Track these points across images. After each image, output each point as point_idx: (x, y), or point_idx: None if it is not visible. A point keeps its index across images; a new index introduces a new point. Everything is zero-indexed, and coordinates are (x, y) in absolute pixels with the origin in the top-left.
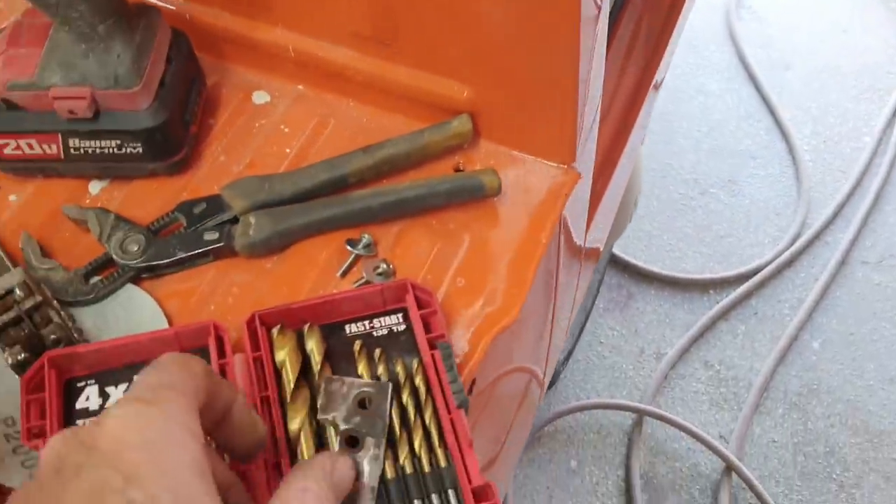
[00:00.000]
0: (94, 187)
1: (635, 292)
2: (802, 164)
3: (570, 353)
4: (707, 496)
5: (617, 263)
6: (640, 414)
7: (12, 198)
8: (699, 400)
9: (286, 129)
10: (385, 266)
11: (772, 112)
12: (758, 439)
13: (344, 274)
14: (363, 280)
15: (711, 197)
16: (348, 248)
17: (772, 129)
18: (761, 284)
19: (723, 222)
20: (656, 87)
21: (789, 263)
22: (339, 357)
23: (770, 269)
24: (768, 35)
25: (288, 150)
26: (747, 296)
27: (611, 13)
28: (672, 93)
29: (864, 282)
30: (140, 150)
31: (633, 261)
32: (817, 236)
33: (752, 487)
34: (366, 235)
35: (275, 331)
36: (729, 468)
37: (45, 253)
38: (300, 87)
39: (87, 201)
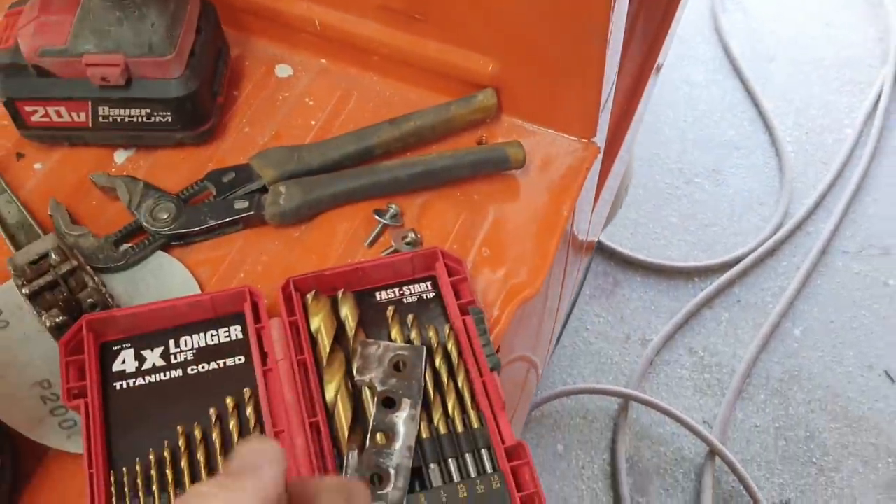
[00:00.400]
0: (120, 156)
1: (621, 280)
2: (785, 155)
3: (557, 340)
4: (691, 479)
5: (603, 251)
6: (626, 399)
7: (37, 166)
8: (683, 386)
9: (310, 102)
10: (413, 235)
11: (755, 103)
12: (740, 424)
13: (371, 243)
14: (392, 249)
15: (696, 186)
16: (376, 217)
17: (755, 120)
18: (744, 273)
19: (707, 211)
20: (657, 70)
21: (772, 252)
22: (370, 323)
23: (753, 258)
24: (753, 28)
25: (313, 123)
26: (730, 284)
27: None
28: (660, 85)
29: (845, 271)
30: (169, 118)
31: (619, 248)
32: (799, 226)
33: (734, 471)
34: (393, 206)
35: (309, 296)
36: (712, 452)
37: (74, 220)
38: (323, 60)
39: (113, 170)
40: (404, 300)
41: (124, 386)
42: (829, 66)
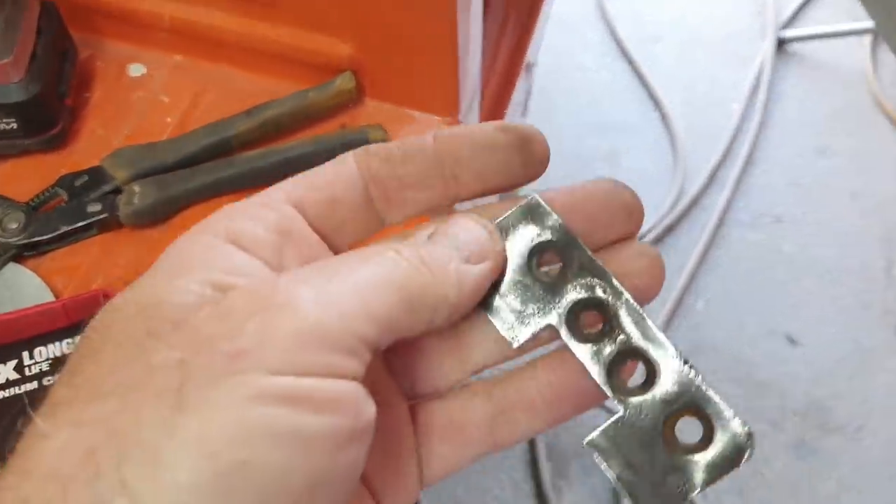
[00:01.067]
0: None
1: None
2: (676, 133)
3: None
4: None
5: None
6: None
7: None
8: None
9: (166, 99)
10: None
11: (645, 84)
12: None
13: None
14: None
15: (595, 170)
16: None
17: (646, 101)
18: None
19: None
20: (529, 69)
21: (671, 229)
22: None
23: (653, 236)
24: (637, 10)
25: (169, 120)
26: None
27: None
28: (550, 71)
29: (741, 241)
30: (14, 125)
31: None
32: (695, 201)
33: None
34: None
35: None
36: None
37: None
38: (177, 57)
39: None
40: None
41: None
42: (712, 44)
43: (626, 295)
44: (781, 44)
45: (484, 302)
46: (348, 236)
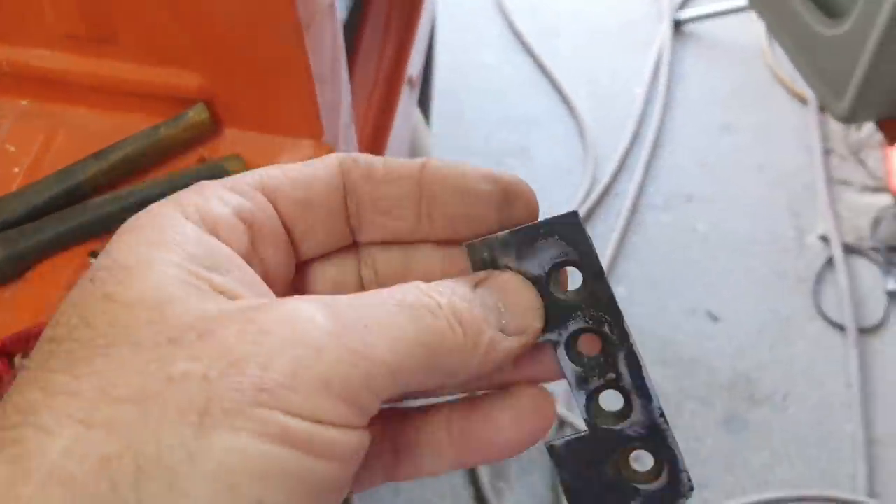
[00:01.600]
0: None
1: None
2: (584, 123)
3: None
4: (545, 454)
5: None
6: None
7: None
8: None
9: (12, 148)
10: None
11: (548, 77)
12: None
13: None
14: None
15: (506, 167)
16: (92, 260)
17: (551, 93)
18: None
19: None
20: (412, 83)
21: (587, 218)
22: None
23: None
24: (534, 4)
25: (16, 170)
26: None
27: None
28: (453, 70)
29: (655, 224)
30: None
31: None
32: (607, 189)
33: None
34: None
35: (17, 359)
36: (562, 423)
37: None
38: (23, 102)
39: None
40: None
41: None
42: (612, 32)
43: (632, 341)
44: (678, 25)
45: None
46: (316, 244)
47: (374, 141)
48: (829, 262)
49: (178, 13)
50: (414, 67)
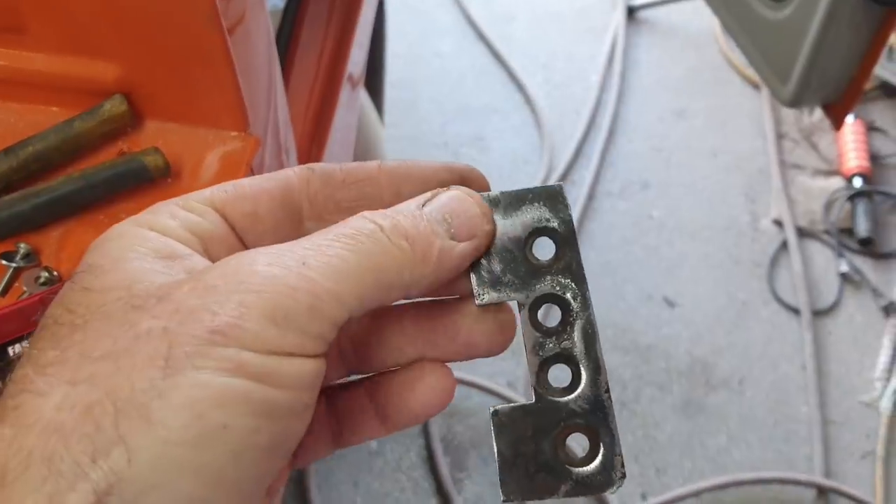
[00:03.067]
0: None
1: None
2: (540, 111)
3: None
4: None
5: None
6: None
7: None
8: None
9: None
10: (47, 274)
11: (504, 65)
12: None
13: (4, 292)
14: (25, 294)
15: (463, 156)
16: (3, 262)
17: (507, 82)
18: None
19: None
20: (353, 82)
21: None
22: None
23: None
24: None
25: None
26: None
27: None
28: (409, 60)
29: (612, 211)
30: None
31: None
32: (564, 177)
33: None
34: (23, 245)
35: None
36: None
37: None
38: None
39: None
40: None
41: None
42: (566, 19)
43: (591, 311)
44: (632, 12)
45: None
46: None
47: (314, 137)
48: (784, 246)
49: (94, 2)
50: (355, 64)
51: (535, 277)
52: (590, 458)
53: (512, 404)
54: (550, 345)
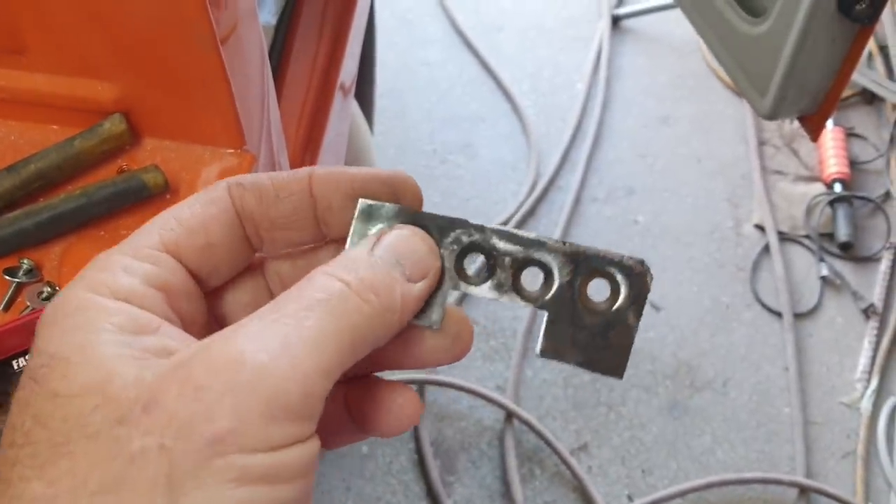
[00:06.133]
0: None
1: None
2: (527, 119)
3: None
4: (494, 446)
5: None
6: (420, 384)
7: None
8: (472, 357)
9: None
10: (49, 289)
11: (492, 74)
12: (531, 382)
13: (7, 307)
14: (28, 309)
15: (452, 164)
16: (6, 277)
17: (495, 90)
18: None
19: (466, 186)
20: (344, 91)
21: (532, 212)
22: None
23: (515, 222)
24: (476, 1)
25: None
26: None
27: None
28: (397, 69)
29: (598, 217)
30: None
31: None
32: (551, 183)
33: (532, 428)
34: (26, 261)
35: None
36: (510, 415)
37: None
38: None
39: None
40: None
41: None
42: (552, 29)
43: (489, 226)
44: (616, 21)
45: None
46: (223, 276)
47: (307, 147)
48: (766, 250)
49: (90, 22)
50: (347, 73)
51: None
52: (615, 288)
53: (540, 335)
54: (503, 275)
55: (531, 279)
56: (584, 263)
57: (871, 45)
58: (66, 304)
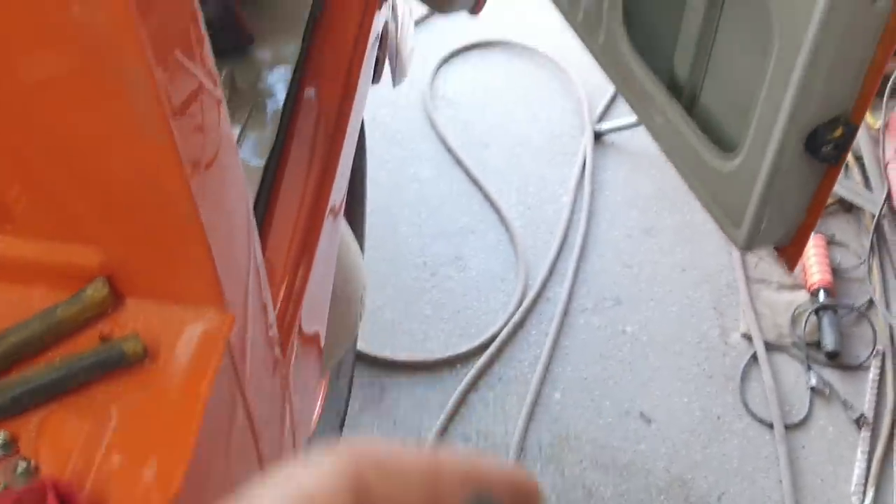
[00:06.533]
0: None
1: (388, 384)
2: (515, 231)
3: None
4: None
5: (365, 359)
6: None
7: None
8: None
9: None
10: (25, 465)
11: (480, 188)
12: None
13: None
14: (2, 486)
15: (442, 276)
16: None
17: (483, 204)
18: (500, 350)
19: (457, 298)
20: (334, 213)
21: (521, 324)
22: None
23: (505, 334)
24: (464, 120)
25: None
26: (490, 364)
27: (277, 144)
28: (388, 186)
29: (587, 327)
30: None
31: (380, 354)
32: (539, 295)
33: None
34: (1, 433)
35: None
36: None
37: None
38: None
39: None
40: None
41: None
42: (537, 145)
43: None
44: (598, 136)
45: None
46: None
47: (296, 269)
48: (754, 359)
49: (78, 186)
50: (337, 195)
51: None
52: None
53: None
54: None
55: None
56: None
57: (848, 156)
58: None
